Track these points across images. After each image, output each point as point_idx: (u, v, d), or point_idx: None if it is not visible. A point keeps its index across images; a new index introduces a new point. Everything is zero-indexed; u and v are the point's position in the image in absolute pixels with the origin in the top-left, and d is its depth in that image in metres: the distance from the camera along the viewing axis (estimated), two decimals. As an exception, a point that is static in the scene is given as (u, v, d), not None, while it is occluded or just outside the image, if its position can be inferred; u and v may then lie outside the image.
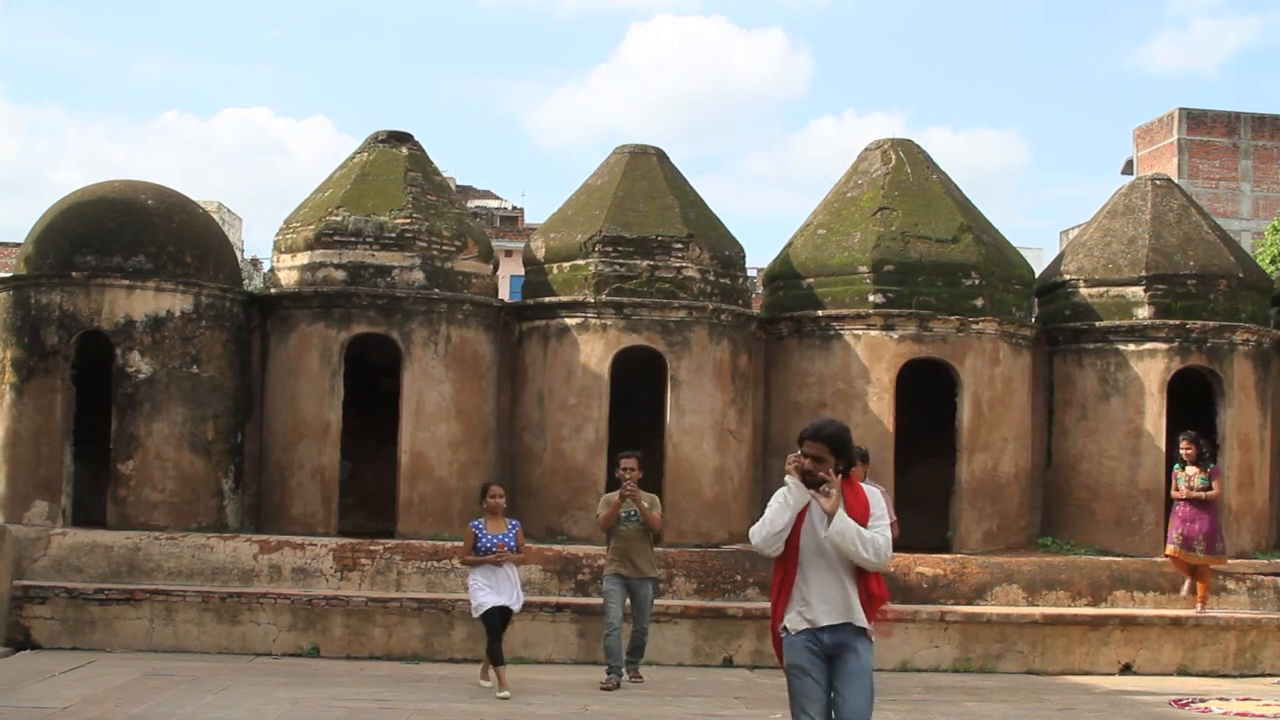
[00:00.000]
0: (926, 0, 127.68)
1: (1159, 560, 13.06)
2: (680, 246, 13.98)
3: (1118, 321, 14.43)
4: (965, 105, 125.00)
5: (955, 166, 23.44)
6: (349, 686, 10.20)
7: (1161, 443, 14.11)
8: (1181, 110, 38.38)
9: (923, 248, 14.17)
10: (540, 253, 14.48)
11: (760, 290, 18.06)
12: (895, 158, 15.03)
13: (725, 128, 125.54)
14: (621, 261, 13.92)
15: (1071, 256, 15.25)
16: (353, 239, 13.73)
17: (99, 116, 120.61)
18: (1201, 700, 10.62)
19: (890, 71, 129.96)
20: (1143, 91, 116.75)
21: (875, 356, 13.94)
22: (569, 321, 13.89)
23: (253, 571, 12.16)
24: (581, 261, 14.04)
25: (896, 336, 13.95)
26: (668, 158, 15.02)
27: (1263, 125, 38.82)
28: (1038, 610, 12.38)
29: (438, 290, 13.70)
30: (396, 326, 13.55)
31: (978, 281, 14.15)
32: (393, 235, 13.72)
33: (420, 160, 14.62)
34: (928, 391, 14.29)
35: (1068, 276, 14.99)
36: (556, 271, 14.24)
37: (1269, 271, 20.18)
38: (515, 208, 53.47)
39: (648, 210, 14.23)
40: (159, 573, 12.11)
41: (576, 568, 12.34)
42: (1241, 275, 14.57)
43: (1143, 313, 14.40)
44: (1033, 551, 14.16)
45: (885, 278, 14.09)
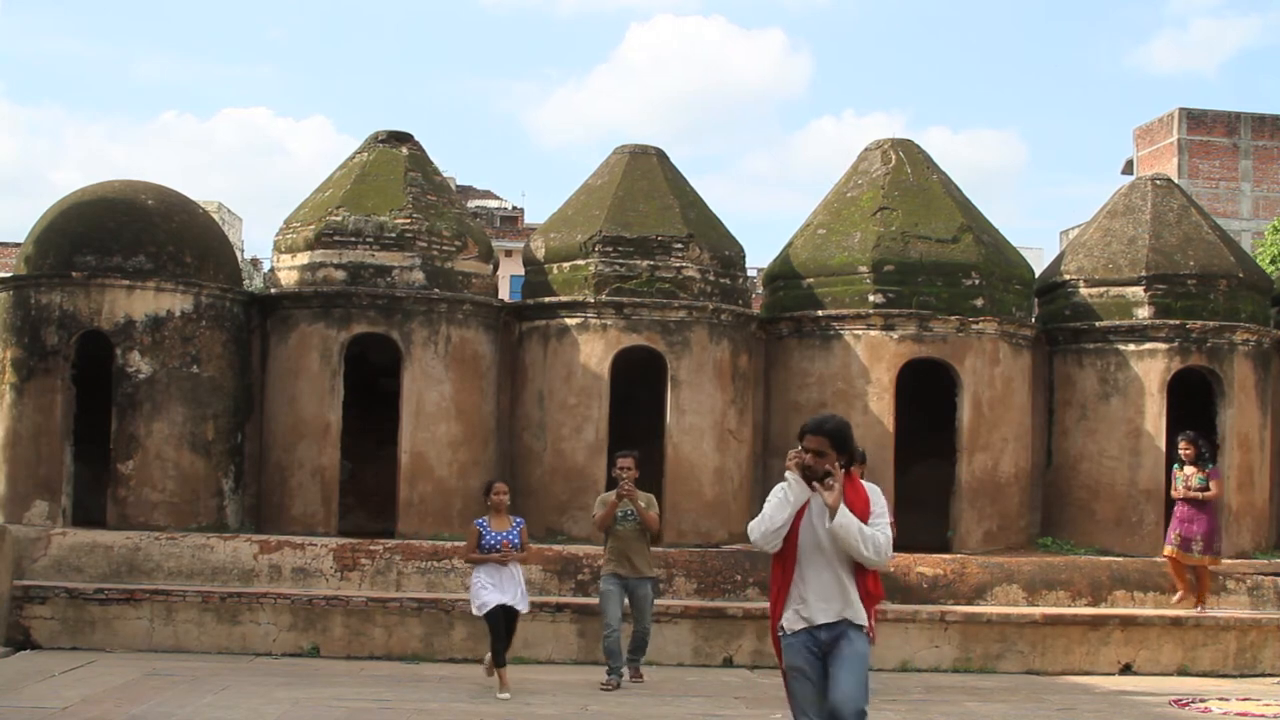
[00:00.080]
0: (926, 0, 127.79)
1: (1159, 560, 13.04)
2: (680, 246, 13.99)
3: (1118, 321, 14.43)
4: (965, 105, 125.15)
5: (955, 166, 23.42)
6: (349, 686, 10.19)
7: (1161, 443, 14.12)
8: (1181, 110, 38.36)
9: (923, 248, 14.17)
10: (540, 253, 14.48)
11: (760, 290, 18.06)
12: (895, 158, 15.03)
13: (725, 128, 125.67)
14: (621, 261, 13.93)
15: (1071, 256, 15.25)
16: (353, 239, 13.73)
17: (99, 116, 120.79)
18: (1201, 700, 10.62)
19: (890, 71, 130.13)
20: (1143, 91, 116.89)
21: (875, 356, 13.94)
22: (569, 321, 13.90)
23: (253, 571, 12.16)
24: (581, 261, 14.04)
25: (896, 336, 13.95)
26: (668, 158, 15.03)
27: (1263, 125, 38.80)
28: (1038, 610, 12.37)
29: (438, 290, 13.70)
30: (396, 326, 13.55)
31: (978, 281, 14.15)
32: (393, 235, 13.73)
33: (420, 160, 14.62)
34: (928, 391, 14.29)
35: (1068, 276, 14.99)
36: (556, 271, 14.24)
37: (1269, 271, 20.18)
38: (515, 208, 53.47)
39: (648, 210, 14.24)
40: (159, 573, 12.11)
41: (577, 568, 12.34)
42: (1241, 275, 14.57)
43: (1143, 313, 14.41)
44: (1033, 551, 14.16)
45: (885, 278, 14.09)
